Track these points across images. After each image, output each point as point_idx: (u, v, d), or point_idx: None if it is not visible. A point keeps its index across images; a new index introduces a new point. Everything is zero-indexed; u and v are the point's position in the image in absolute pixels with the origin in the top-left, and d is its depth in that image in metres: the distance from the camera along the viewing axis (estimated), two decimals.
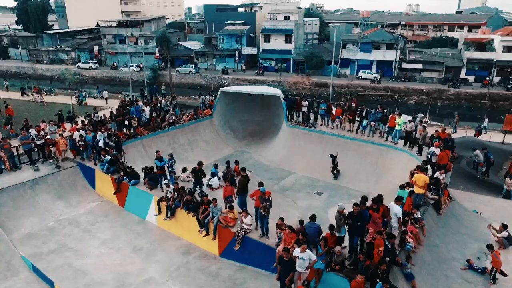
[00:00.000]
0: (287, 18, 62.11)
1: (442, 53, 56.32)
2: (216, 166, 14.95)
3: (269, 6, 78.29)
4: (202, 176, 13.02)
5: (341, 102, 22.36)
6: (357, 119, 20.63)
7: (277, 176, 19.88)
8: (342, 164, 19.65)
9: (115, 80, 63.03)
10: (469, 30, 69.23)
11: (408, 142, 18.22)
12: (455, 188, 17.40)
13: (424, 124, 17.35)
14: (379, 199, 10.29)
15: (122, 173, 14.62)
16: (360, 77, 55.50)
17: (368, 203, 10.16)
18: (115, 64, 66.70)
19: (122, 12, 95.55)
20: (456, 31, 70.87)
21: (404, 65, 56.38)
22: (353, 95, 46.76)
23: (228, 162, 15.26)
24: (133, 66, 62.68)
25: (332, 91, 53.45)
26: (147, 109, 20.61)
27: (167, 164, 13.81)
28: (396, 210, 9.97)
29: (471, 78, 52.48)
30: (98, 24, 74.69)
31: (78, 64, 66.51)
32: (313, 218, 10.32)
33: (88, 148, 16.56)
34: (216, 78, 57.95)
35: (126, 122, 19.46)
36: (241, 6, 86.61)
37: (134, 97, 31.77)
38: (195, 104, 30.43)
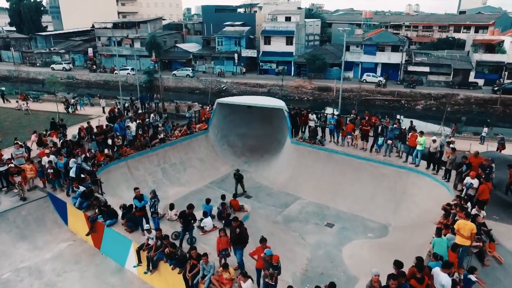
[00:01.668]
0: (288, 19, 59.85)
1: (449, 55, 53.98)
2: (208, 201, 12.47)
3: (269, 7, 76.04)
4: (192, 221, 10.56)
5: (352, 115, 19.98)
6: (370, 134, 18.25)
7: (280, 202, 17.44)
8: (355, 188, 17.22)
9: (110, 84, 60.69)
10: (476, 31, 66.88)
11: (432, 165, 15.83)
12: (487, 219, 14.95)
13: (452, 146, 14.90)
14: (421, 264, 7.85)
15: (96, 210, 12.17)
16: (364, 81, 53.14)
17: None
18: (94, 66, 64.96)
19: (119, 13, 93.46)
20: (463, 32, 68.54)
21: (410, 68, 54.02)
22: (357, 100, 44.43)
23: (223, 197, 12.79)
24: (128, 69, 60.46)
25: (336, 96, 51.21)
26: (132, 126, 18.13)
27: (149, 204, 11.36)
28: (444, 280, 7.52)
29: (480, 82, 50.19)
30: (93, 26, 72.35)
31: (52, 66, 64.72)
32: (332, 286, 7.89)
33: (61, 176, 14.10)
34: (214, 82, 55.58)
35: (109, 142, 17.00)
36: (240, 6, 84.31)
37: (126, 105, 29.24)
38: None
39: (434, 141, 15.37)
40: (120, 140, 17.39)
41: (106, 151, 16.80)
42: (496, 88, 45.83)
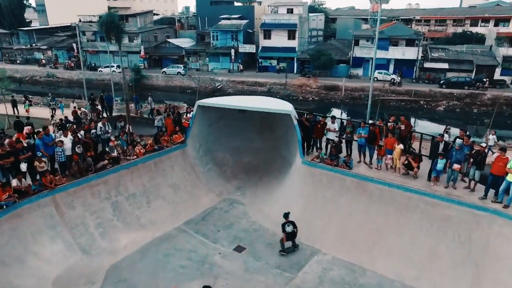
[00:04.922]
0: (290, 11, 54.29)
1: (469, 50, 48.42)
2: None
3: (269, 1, 70.44)
4: None
5: (390, 121, 14.01)
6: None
7: (289, 259, 11.31)
8: (404, 239, 11.14)
9: (93, 83, 55.51)
10: (496, 24, 61.45)
11: None
12: None
13: None
14: None
15: None
16: (376, 79, 47.38)
17: None
18: (43, 61, 61.54)
19: (110, 8, 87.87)
20: (480, 26, 63.13)
21: (427, 65, 48.57)
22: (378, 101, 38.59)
23: None
24: (113, 66, 55.17)
25: (345, 95, 45.38)
26: (67, 140, 12.11)
27: None
28: None
29: (508, 79, 44.73)
30: (80, 20, 66.98)
31: None
32: None
33: None
34: (208, 80, 49.92)
35: (23, 167, 10.98)
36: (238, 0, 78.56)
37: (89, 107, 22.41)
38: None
39: None
40: (44, 163, 11.37)
41: (14, 182, 10.70)
42: (441, 82, 43.57)
